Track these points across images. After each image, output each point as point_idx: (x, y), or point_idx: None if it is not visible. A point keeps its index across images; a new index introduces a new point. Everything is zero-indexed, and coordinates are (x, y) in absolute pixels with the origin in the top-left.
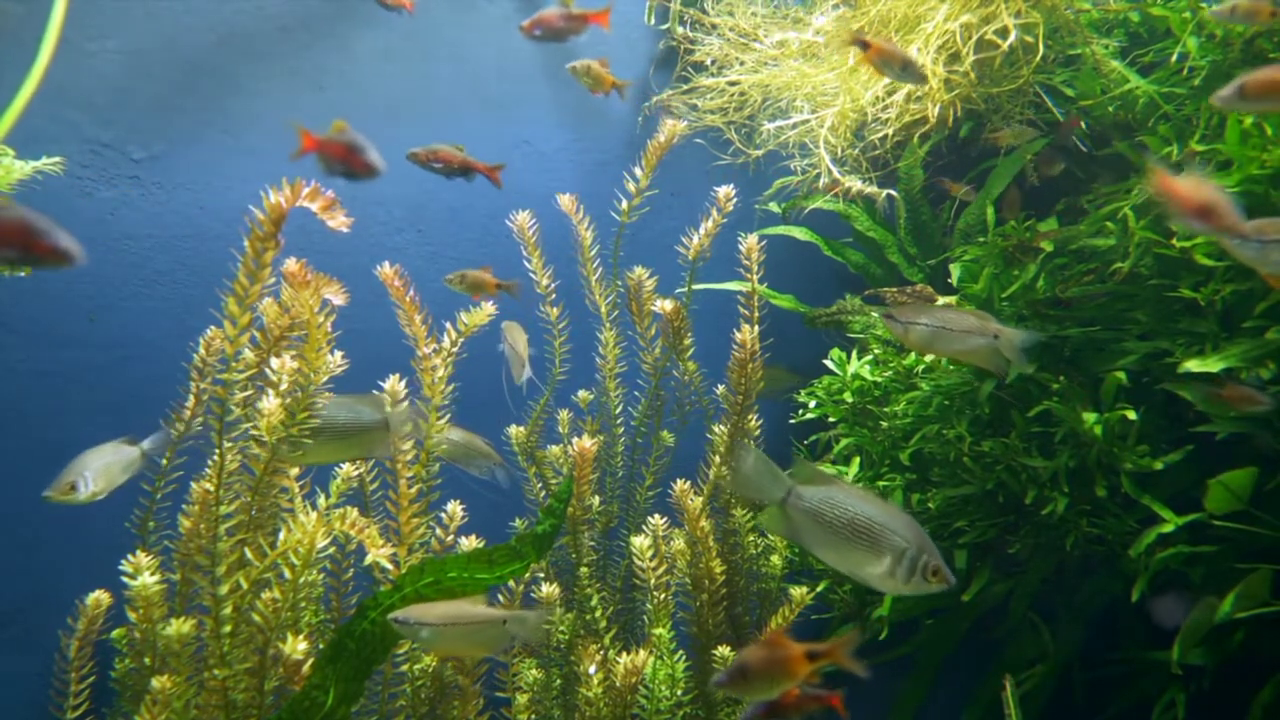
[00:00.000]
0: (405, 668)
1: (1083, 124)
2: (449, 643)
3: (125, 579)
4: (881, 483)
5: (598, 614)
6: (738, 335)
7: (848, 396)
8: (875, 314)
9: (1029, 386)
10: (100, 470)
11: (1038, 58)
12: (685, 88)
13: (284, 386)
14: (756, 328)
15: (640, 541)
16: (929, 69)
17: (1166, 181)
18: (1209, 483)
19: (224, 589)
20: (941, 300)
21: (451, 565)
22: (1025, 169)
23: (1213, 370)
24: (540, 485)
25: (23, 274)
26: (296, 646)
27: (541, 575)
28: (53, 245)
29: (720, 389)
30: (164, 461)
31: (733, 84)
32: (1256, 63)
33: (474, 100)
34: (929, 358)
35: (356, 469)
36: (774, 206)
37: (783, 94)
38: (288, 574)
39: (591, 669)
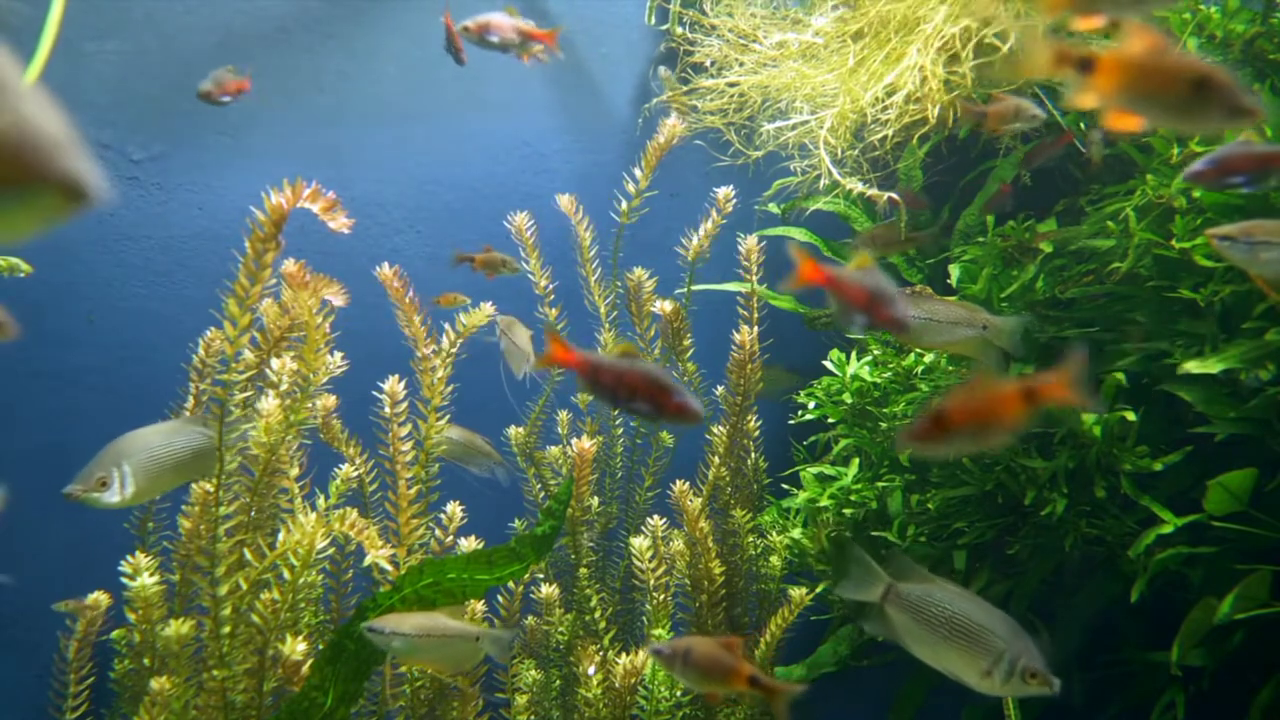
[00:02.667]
0: (404, 669)
1: (1079, 139)
2: (421, 654)
3: (124, 580)
4: (881, 483)
5: (597, 615)
6: (737, 336)
7: (847, 397)
8: None
9: None
10: None
11: None
12: (685, 89)
13: (284, 387)
14: (756, 328)
15: (639, 542)
16: (928, 70)
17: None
18: (1208, 484)
19: (223, 590)
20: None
21: (451, 566)
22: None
23: (1212, 371)
24: (539, 486)
25: (22, 274)
26: (295, 647)
27: (541, 576)
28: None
29: (720, 390)
30: None
31: (732, 85)
32: (1256, 64)
33: (474, 101)
34: (928, 358)
35: (356, 469)
36: (773, 207)
37: (782, 95)
38: (287, 575)
39: (591, 670)
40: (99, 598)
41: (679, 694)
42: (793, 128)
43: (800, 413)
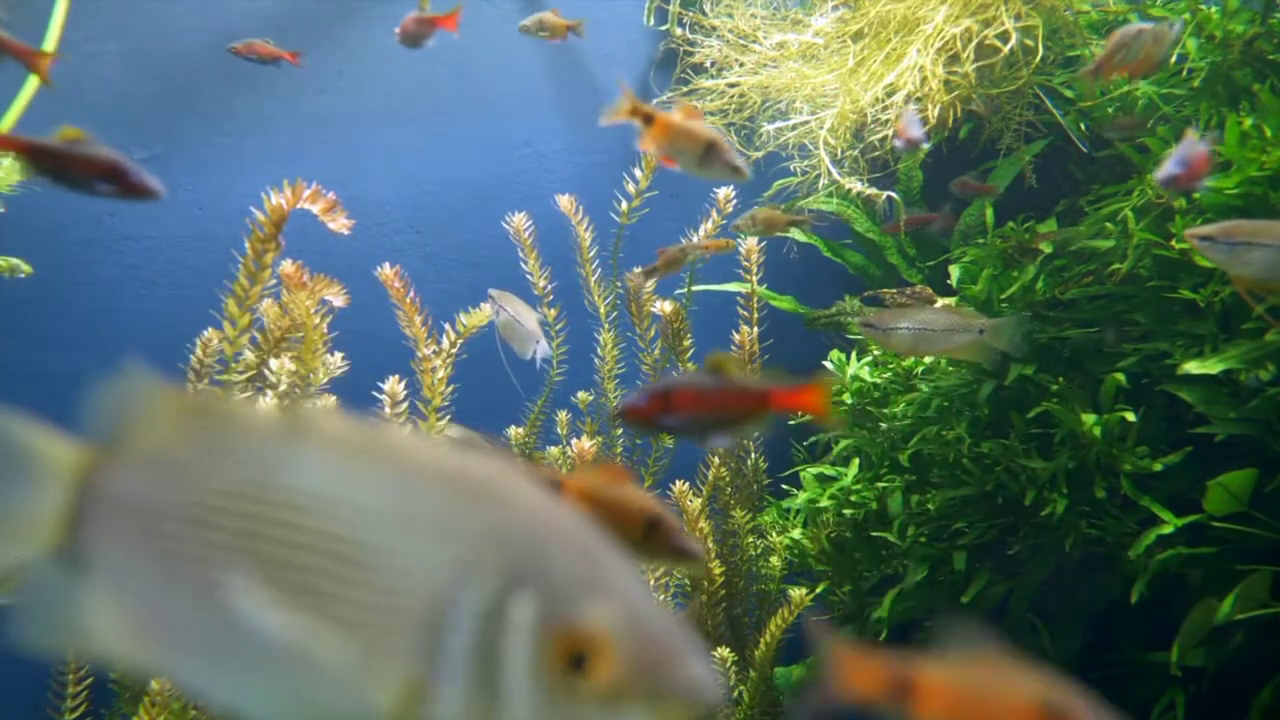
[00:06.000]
0: None
1: (1079, 138)
2: None
3: None
4: (881, 484)
5: None
6: (737, 336)
7: (847, 398)
8: (856, 322)
9: (1028, 388)
10: None
11: (1037, 59)
12: (685, 89)
13: (282, 388)
14: (756, 329)
15: None
16: (928, 70)
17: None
18: (1208, 484)
19: None
20: (941, 302)
21: None
22: (1024, 170)
23: (1212, 371)
24: None
25: (22, 275)
26: None
27: None
28: None
29: None
30: None
31: (732, 85)
32: (1256, 64)
33: (474, 101)
34: (928, 358)
35: None
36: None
37: (782, 95)
38: None
39: None
40: None
41: None
42: (793, 128)
43: (800, 413)
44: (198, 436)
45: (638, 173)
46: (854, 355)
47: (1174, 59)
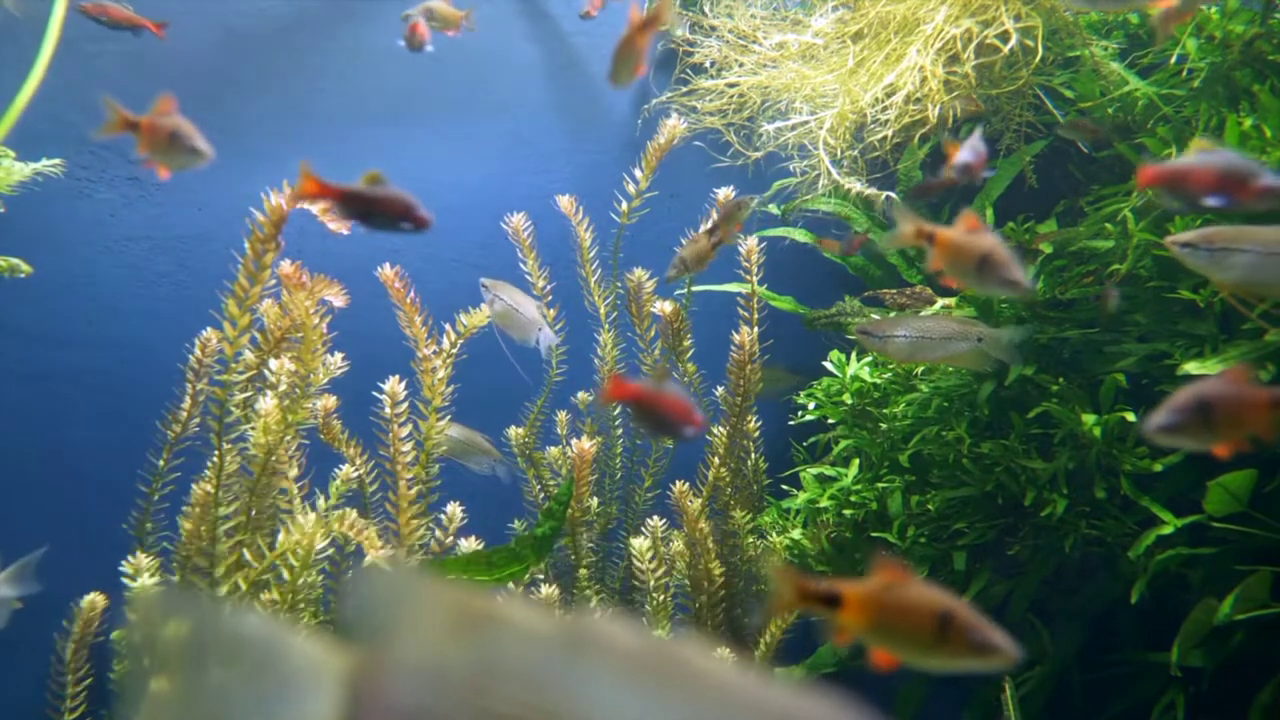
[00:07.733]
0: None
1: (1080, 139)
2: None
3: (125, 580)
4: (881, 484)
5: (597, 616)
6: (737, 337)
7: (847, 398)
8: (854, 329)
9: (1028, 388)
10: None
11: (1037, 59)
12: (684, 90)
13: (282, 388)
14: (756, 329)
15: (639, 543)
16: (928, 70)
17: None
18: (1208, 485)
19: (223, 590)
20: (940, 302)
21: (451, 567)
22: (1024, 170)
23: (1212, 372)
24: (539, 487)
25: (22, 275)
26: None
27: (541, 577)
28: None
29: (720, 390)
30: (160, 463)
31: (732, 86)
32: (1255, 64)
33: (474, 101)
34: None
35: (356, 470)
36: (773, 208)
37: (782, 96)
38: (286, 575)
39: None
40: (95, 599)
41: None
42: (792, 128)
43: (800, 413)
44: (473, 644)
45: (637, 173)
46: (854, 355)
47: (1174, 59)
